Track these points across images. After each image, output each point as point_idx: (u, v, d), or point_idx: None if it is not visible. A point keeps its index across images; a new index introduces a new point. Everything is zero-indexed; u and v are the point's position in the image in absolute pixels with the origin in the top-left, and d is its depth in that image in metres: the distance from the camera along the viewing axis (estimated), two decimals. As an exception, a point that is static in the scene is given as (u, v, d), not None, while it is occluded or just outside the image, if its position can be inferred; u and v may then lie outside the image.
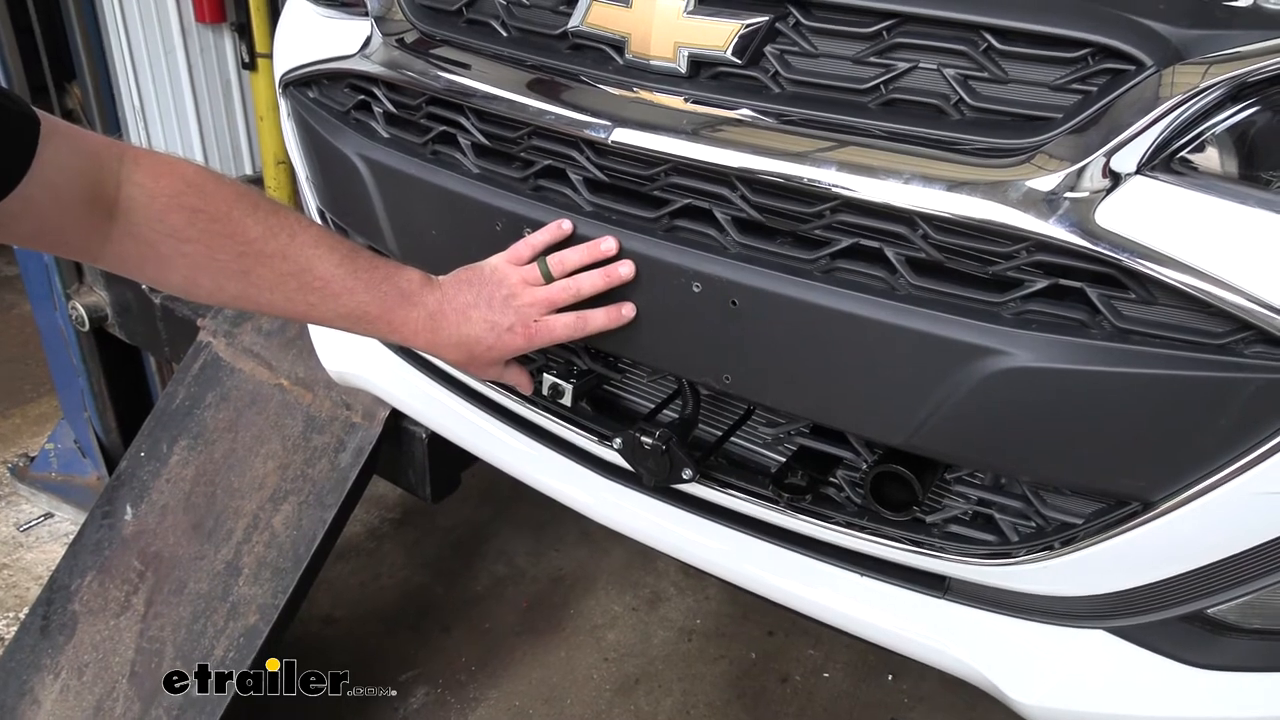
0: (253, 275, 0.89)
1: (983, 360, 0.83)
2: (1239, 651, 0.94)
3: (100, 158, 0.81)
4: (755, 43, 0.92)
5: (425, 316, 0.99)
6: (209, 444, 1.90)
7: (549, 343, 1.02)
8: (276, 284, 0.91)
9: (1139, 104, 0.77)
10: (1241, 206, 0.75)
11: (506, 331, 1.00)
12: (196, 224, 0.85)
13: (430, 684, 2.06)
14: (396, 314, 0.98)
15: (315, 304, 0.94)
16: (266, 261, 0.89)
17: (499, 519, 2.54)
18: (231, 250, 0.87)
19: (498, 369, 1.06)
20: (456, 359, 1.03)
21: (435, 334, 1.00)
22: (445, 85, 1.12)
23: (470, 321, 1.00)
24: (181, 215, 0.85)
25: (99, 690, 1.76)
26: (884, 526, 1.03)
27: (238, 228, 0.87)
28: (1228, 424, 0.79)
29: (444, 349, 1.02)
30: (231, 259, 0.88)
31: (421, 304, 0.99)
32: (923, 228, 0.85)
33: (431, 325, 0.99)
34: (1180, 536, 0.87)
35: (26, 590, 2.32)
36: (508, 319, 1.00)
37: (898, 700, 2.06)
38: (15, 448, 2.80)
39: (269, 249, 0.89)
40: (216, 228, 0.86)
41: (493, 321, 1.00)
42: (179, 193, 0.85)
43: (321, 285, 0.93)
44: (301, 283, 0.92)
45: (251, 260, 0.88)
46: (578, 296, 1.00)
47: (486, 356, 1.02)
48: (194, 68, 2.68)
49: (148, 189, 0.83)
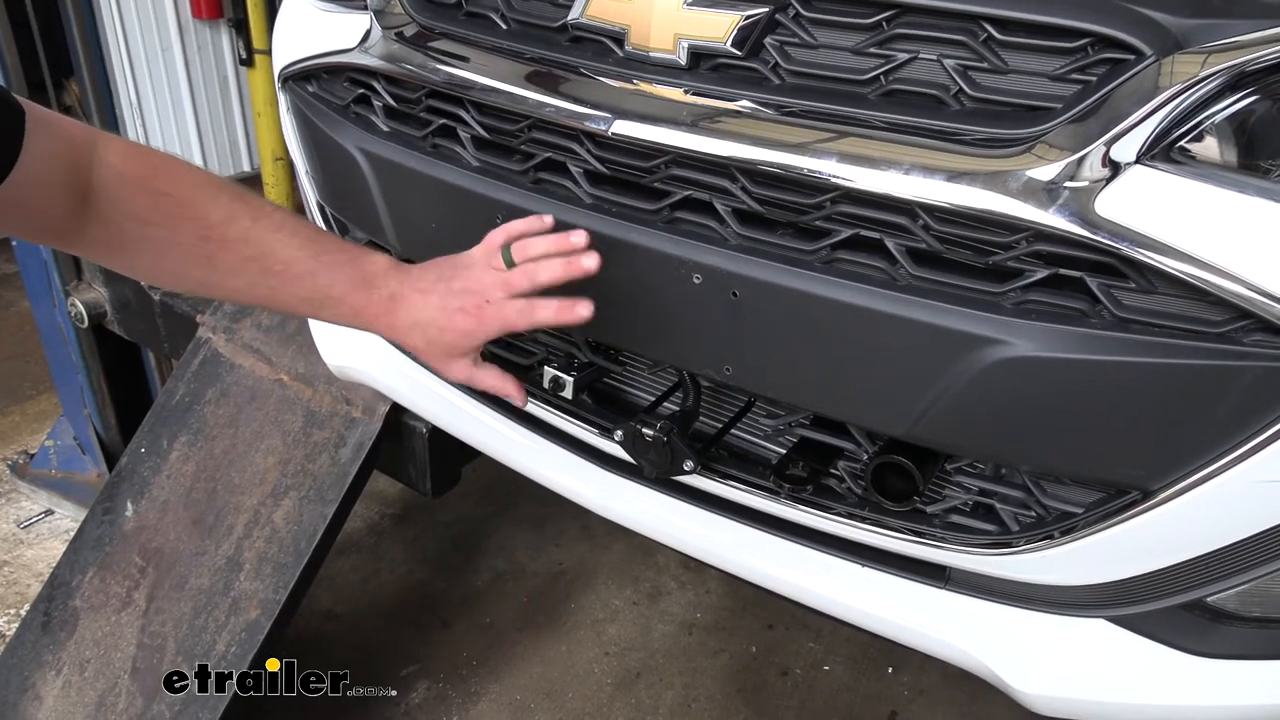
0: (216, 260, 0.89)
1: (983, 350, 0.84)
2: (1238, 639, 0.94)
3: (76, 143, 0.82)
4: (755, 34, 0.92)
5: (385, 298, 0.96)
6: (209, 440, 1.90)
7: (501, 328, 0.95)
8: (239, 268, 0.90)
9: (1138, 93, 0.77)
10: (1240, 195, 0.76)
11: (457, 311, 0.95)
12: (161, 207, 0.86)
13: (431, 679, 2.07)
14: (358, 296, 0.95)
15: (276, 287, 0.92)
16: (229, 246, 0.89)
17: (499, 514, 2.54)
18: (194, 234, 0.87)
19: (466, 367, 1.00)
20: (417, 345, 0.98)
21: (393, 316, 0.96)
22: (445, 78, 1.12)
23: (426, 305, 0.96)
24: (147, 198, 0.85)
25: (101, 686, 1.76)
26: (885, 517, 1.03)
27: (201, 211, 0.87)
28: (1227, 412, 0.80)
29: (403, 333, 0.98)
30: (195, 243, 0.87)
31: (383, 286, 0.96)
32: (923, 218, 0.85)
33: (390, 307, 0.96)
34: (1180, 525, 0.87)
35: (27, 587, 2.32)
36: (459, 301, 0.95)
37: (898, 693, 2.06)
38: (15, 445, 2.79)
39: (230, 233, 0.89)
40: (180, 211, 0.86)
41: (445, 303, 0.96)
42: (145, 177, 0.86)
43: (283, 269, 0.91)
44: (263, 266, 0.91)
45: (214, 245, 0.88)
46: (534, 284, 0.94)
47: (442, 341, 0.97)
48: (191, 64, 2.68)
49: (116, 171, 0.83)
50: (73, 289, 2.36)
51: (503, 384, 1.03)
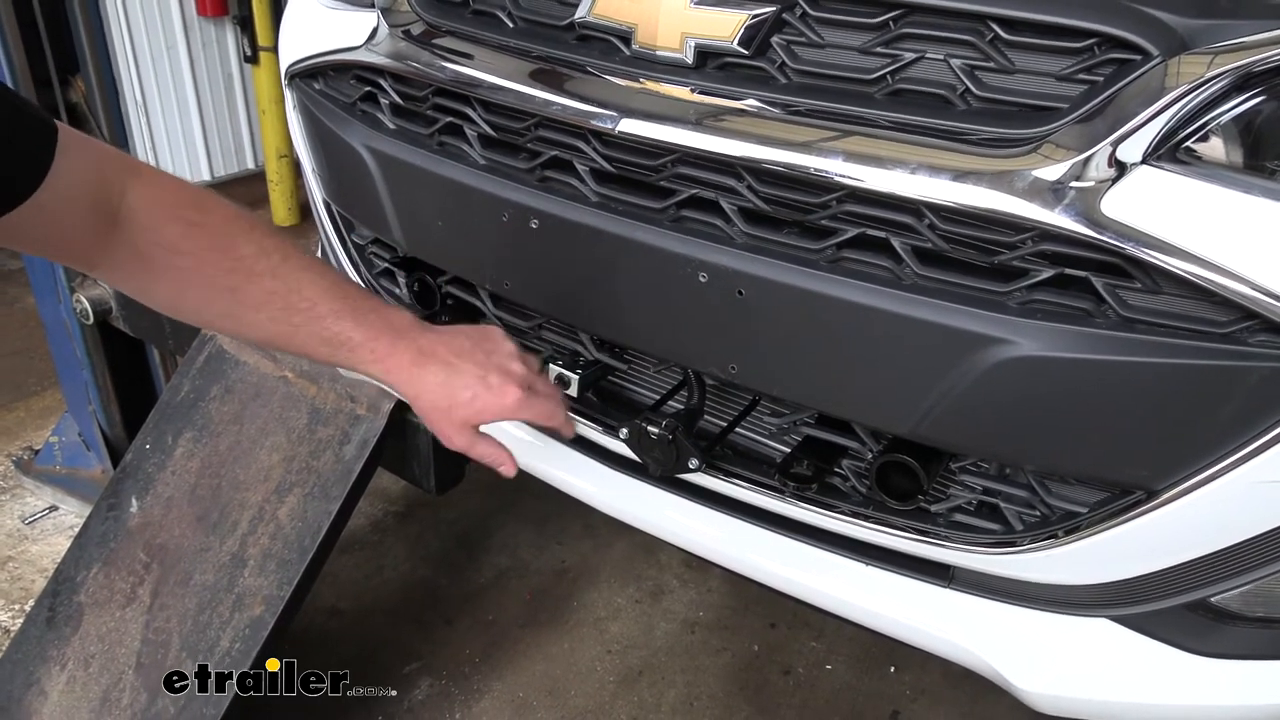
0: (240, 293, 0.88)
1: (988, 349, 0.84)
2: (1241, 639, 0.94)
3: (107, 166, 0.82)
4: (762, 33, 0.92)
5: (414, 351, 0.95)
6: (214, 436, 1.90)
7: (533, 417, 1.00)
8: (263, 302, 0.90)
9: (1145, 94, 0.77)
10: (1246, 196, 0.76)
11: (500, 386, 0.96)
12: (191, 237, 0.85)
13: (434, 676, 2.07)
14: (382, 343, 0.94)
15: (299, 325, 0.91)
16: (255, 279, 0.88)
17: (502, 512, 2.54)
18: (222, 265, 0.87)
19: (470, 436, 0.99)
20: (435, 404, 0.96)
21: (420, 369, 0.95)
22: (451, 76, 1.12)
23: (460, 369, 0.95)
24: (178, 227, 0.85)
25: (105, 681, 1.77)
26: (889, 516, 1.04)
27: (231, 244, 0.87)
28: (1232, 413, 0.80)
29: (425, 389, 0.96)
30: (221, 274, 0.87)
31: (411, 339, 0.95)
32: (929, 217, 0.85)
33: (418, 360, 0.95)
34: (1184, 525, 0.88)
35: (32, 583, 2.32)
36: (500, 379, 0.96)
37: (900, 692, 2.06)
38: (20, 441, 2.80)
39: (259, 267, 0.88)
40: (211, 242, 0.86)
41: (484, 373, 0.96)
42: (178, 205, 0.86)
43: (308, 307, 0.91)
44: (287, 303, 0.90)
45: (241, 277, 0.88)
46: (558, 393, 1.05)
47: (467, 409, 0.96)
48: (196, 61, 2.69)
49: (148, 198, 0.83)
50: (78, 285, 2.36)
51: (499, 454, 1.04)
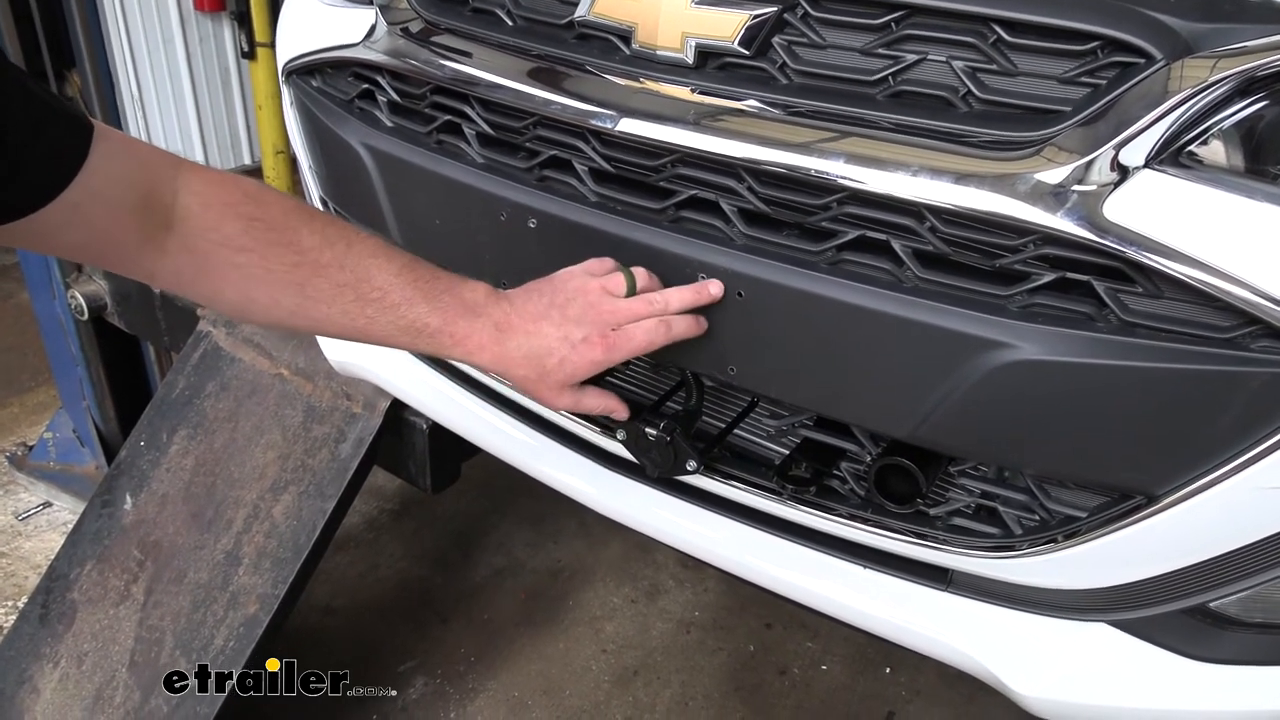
0: (308, 287, 0.86)
1: (989, 353, 0.83)
2: (1240, 645, 0.94)
3: (154, 166, 0.79)
4: (763, 33, 0.91)
5: (491, 328, 0.92)
6: (209, 433, 1.90)
7: (628, 354, 0.93)
8: (333, 296, 0.87)
9: (1148, 97, 0.77)
10: (1249, 201, 0.75)
11: (582, 342, 0.92)
12: (252, 232, 0.83)
13: (429, 674, 2.07)
14: (459, 326, 0.91)
15: (374, 317, 0.89)
16: (322, 271, 0.86)
17: (498, 511, 2.54)
18: (287, 260, 0.84)
19: (572, 393, 0.96)
20: (526, 375, 0.93)
21: (502, 347, 0.92)
22: (450, 74, 1.12)
23: (540, 333, 0.92)
24: (237, 223, 0.82)
25: (98, 679, 1.76)
26: (887, 519, 1.03)
27: (294, 236, 0.85)
28: (1233, 418, 0.80)
29: (512, 364, 0.93)
30: (287, 269, 0.84)
31: (487, 315, 0.92)
32: (930, 220, 0.85)
33: (498, 338, 0.92)
34: (1184, 530, 0.87)
35: (25, 579, 2.31)
36: (582, 330, 0.92)
37: (895, 693, 2.07)
38: (14, 436, 2.79)
39: (324, 258, 0.86)
40: (272, 236, 0.84)
41: (565, 332, 0.92)
42: (235, 201, 0.83)
43: (379, 296, 0.88)
44: (359, 294, 0.87)
45: (307, 270, 0.85)
46: (665, 312, 0.93)
47: (559, 373, 0.93)
48: (193, 56, 2.68)
49: (203, 197, 0.81)
50: (73, 281, 2.35)
51: (608, 402, 1.00)
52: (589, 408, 0.99)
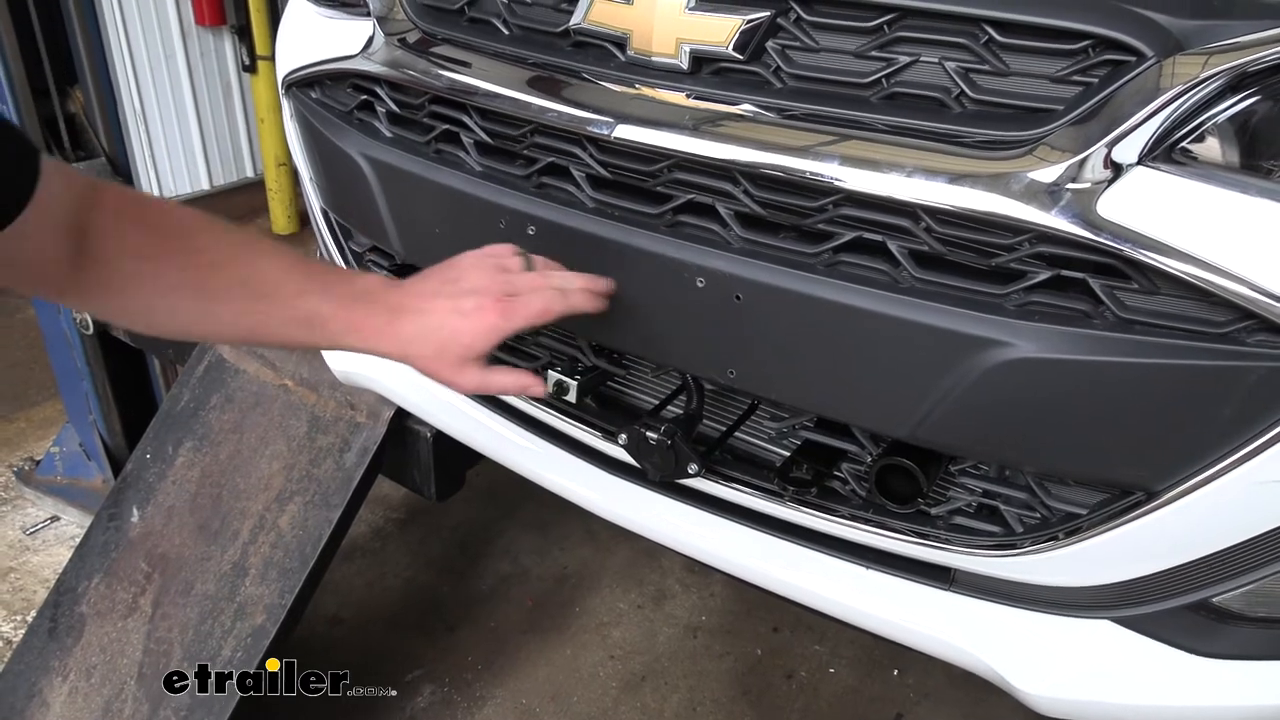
0: (206, 287, 0.88)
1: (986, 352, 0.84)
2: (1243, 640, 0.94)
3: (79, 185, 0.82)
4: (757, 38, 0.92)
5: (385, 312, 0.92)
6: (214, 445, 1.90)
7: (527, 320, 0.92)
8: (229, 293, 0.89)
9: (1140, 95, 0.77)
10: (1243, 196, 0.76)
11: (474, 310, 0.91)
12: (155, 240, 0.86)
13: (437, 683, 2.07)
14: (354, 312, 0.91)
15: (269, 311, 0.90)
16: (218, 270, 0.88)
17: (504, 518, 2.54)
18: (187, 262, 0.87)
19: (478, 372, 0.94)
20: (424, 354, 0.93)
21: (397, 329, 0.92)
22: (448, 84, 1.13)
23: (433, 309, 0.92)
24: (144, 233, 0.86)
25: (107, 692, 1.77)
26: (889, 519, 1.03)
27: (192, 241, 0.88)
28: (1230, 413, 0.80)
29: (410, 345, 0.93)
30: (186, 271, 0.87)
31: (381, 300, 0.92)
32: (925, 221, 0.85)
33: (392, 320, 0.92)
34: (1184, 526, 0.87)
35: (34, 593, 2.32)
36: (474, 299, 0.91)
37: (903, 695, 2.06)
38: (20, 451, 2.80)
39: (220, 258, 0.88)
40: (173, 243, 0.87)
41: (457, 304, 0.92)
42: (141, 213, 0.87)
43: (273, 289, 0.89)
44: (253, 289, 0.89)
45: (205, 270, 0.88)
46: (548, 283, 0.94)
47: (455, 345, 0.92)
48: (194, 70, 2.69)
49: (111, 209, 0.84)
50: (77, 296, 2.36)
51: (519, 380, 0.98)
52: (498, 386, 0.98)
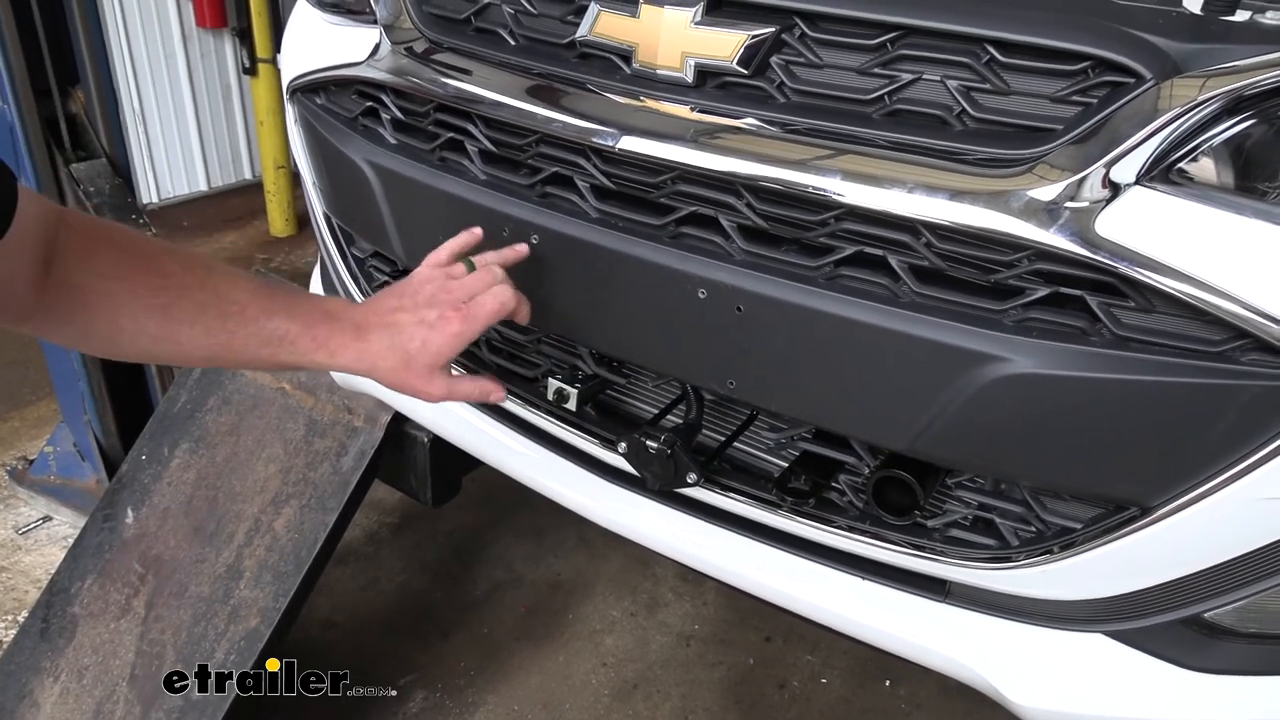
0: (172, 310, 0.90)
1: (984, 367, 0.85)
2: (1236, 655, 0.95)
3: (49, 208, 0.84)
4: (761, 53, 0.93)
5: (351, 327, 0.96)
6: (210, 447, 1.90)
7: (486, 321, 0.98)
8: (195, 315, 0.91)
9: (1138, 116, 0.78)
10: (1238, 217, 0.77)
11: (438, 320, 0.96)
12: (121, 262, 0.88)
13: (429, 688, 2.06)
14: (320, 329, 0.95)
15: (235, 331, 0.92)
16: (185, 293, 0.90)
17: (498, 524, 2.54)
18: (153, 284, 0.89)
19: (444, 380, 0.99)
20: (393, 366, 0.97)
21: (364, 343, 0.96)
22: (453, 92, 1.13)
23: (397, 323, 0.97)
24: (109, 255, 0.87)
25: (99, 693, 1.76)
26: (886, 530, 1.04)
27: (158, 264, 0.90)
28: (1224, 430, 0.81)
29: (377, 358, 0.96)
30: (153, 293, 0.89)
31: (346, 318, 0.97)
32: (926, 236, 0.86)
33: (358, 334, 0.96)
34: (1178, 541, 0.88)
35: (25, 594, 2.31)
36: (435, 309, 0.97)
37: (895, 706, 2.07)
38: (14, 450, 2.79)
39: (187, 280, 0.90)
40: (139, 264, 0.89)
41: (420, 316, 0.97)
42: (106, 236, 0.88)
43: (239, 310, 0.92)
44: (219, 310, 0.91)
45: (172, 294, 0.89)
46: (494, 279, 1.01)
47: (423, 355, 0.96)
48: (194, 72, 2.70)
49: (77, 232, 0.85)
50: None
51: (481, 386, 1.04)
52: (464, 393, 1.03)
